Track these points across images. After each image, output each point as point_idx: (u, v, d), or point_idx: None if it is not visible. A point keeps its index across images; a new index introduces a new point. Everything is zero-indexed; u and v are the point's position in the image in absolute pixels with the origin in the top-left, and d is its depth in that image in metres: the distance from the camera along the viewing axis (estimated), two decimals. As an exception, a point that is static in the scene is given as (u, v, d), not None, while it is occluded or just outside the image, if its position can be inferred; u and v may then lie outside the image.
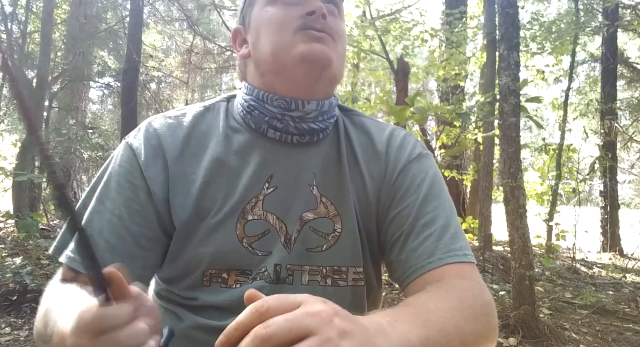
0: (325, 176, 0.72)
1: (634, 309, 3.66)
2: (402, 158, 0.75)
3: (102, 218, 0.67)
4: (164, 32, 10.49)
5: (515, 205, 2.81)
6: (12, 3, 5.83)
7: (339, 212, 0.71)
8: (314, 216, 0.71)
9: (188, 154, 0.71)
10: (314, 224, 0.70)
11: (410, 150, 0.76)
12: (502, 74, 2.93)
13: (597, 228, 7.25)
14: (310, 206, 0.71)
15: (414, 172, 0.73)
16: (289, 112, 0.71)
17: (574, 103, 9.77)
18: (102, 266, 0.41)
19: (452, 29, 6.42)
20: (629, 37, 10.07)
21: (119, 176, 0.69)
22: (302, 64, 0.68)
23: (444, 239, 0.67)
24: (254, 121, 0.72)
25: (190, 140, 0.72)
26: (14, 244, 4.31)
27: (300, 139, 0.72)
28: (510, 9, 3.01)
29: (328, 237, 0.70)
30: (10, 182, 5.33)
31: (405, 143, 0.77)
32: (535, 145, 8.04)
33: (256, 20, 0.73)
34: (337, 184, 0.72)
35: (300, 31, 0.68)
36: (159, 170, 0.69)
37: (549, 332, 2.78)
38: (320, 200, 0.71)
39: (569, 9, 7.93)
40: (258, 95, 0.72)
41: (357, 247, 0.71)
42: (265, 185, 0.70)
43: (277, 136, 0.72)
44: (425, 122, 5.22)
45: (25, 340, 2.65)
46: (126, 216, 0.66)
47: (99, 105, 11.77)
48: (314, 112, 0.72)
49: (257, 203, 0.69)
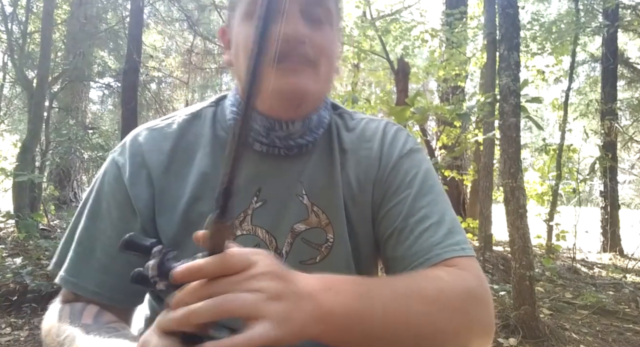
0: (315, 184, 0.71)
1: (634, 309, 3.66)
2: (394, 154, 0.73)
3: (94, 237, 0.67)
4: (164, 32, 10.49)
5: (515, 205, 2.80)
6: (12, 3, 5.83)
7: (330, 220, 0.70)
8: (305, 226, 0.69)
9: (174, 169, 0.70)
10: (306, 235, 0.69)
11: (401, 146, 0.75)
12: (502, 74, 2.92)
13: (597, 228, 7.25)
14: (300, 216, 0.69)
15: (405, 168, 0.72)
16: (273, 131, 0.69)
17: (574, 103, 9.77)
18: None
19: (452, 29, 6.42)
20: (629, 37, 10.07)
21: (106, 194, 0.69)
22: (277, 98, 0.66)
23: (439, 234, 0.65)
24: None
25: (175, 155, 0.70)
26: (14, 244, 4.31)
27: (287, 152, 0.71)
28: (510, 9, 3.01)
29: (321, 248, 0.69)
30: (10, 182, 5.33)
31: (396, 139, 0.76)
32: (535, 145, 8.04)
33: (235, 35, 0.70)
34: (327, 191, 0.71)
35: (275, 64, 0.64)
36: (143, 188, 0.68)
37: (549, 332, 2.78)
38: (312, 209, 0.70)
39: (569, 9, 7.92)
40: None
41: (348, 256, 0.70)
42: (254, 199, 0.69)
43: (264, 149, 0.70)
44: (425, 122, 5.22)
45: (25, 340, 2.64)
46: (115, 236, 0.66)
47: (99, 105, 11.76)
48: (299, 131, 0.70)
49: (246, 218, 0.68)
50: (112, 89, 9.49)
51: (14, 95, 7.82)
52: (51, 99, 6.46)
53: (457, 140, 6.04)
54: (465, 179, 6.62)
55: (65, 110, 7.47)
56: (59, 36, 7.49)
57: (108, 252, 0.66)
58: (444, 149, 6.55)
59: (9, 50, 5.46)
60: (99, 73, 8.41)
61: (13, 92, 7.77)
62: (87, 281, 0.66)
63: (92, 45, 7.49)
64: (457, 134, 6.10)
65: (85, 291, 0.66)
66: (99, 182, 0.71)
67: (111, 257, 0.66)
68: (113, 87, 9.29)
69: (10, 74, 6.68)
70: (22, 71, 5.41)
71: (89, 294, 0.66)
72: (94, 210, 0.69)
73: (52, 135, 6.33)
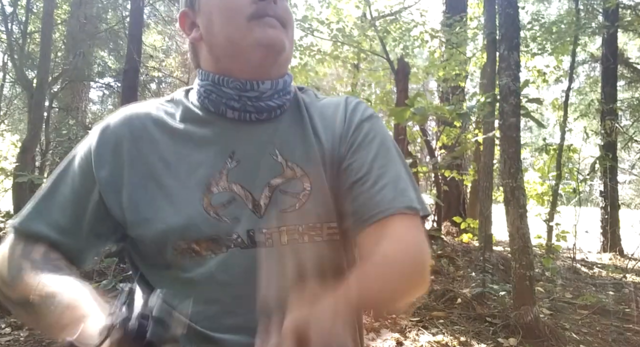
0: (288, 143, 0.75)
1: (634, 309, 3.66)
2: (355, 118, 0.79)
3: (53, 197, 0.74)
4: (164, 32, 10.49)
5: (515, 205, 2.81)
6: (12, 3, 5.83)
7: (305, 171, 0.73)
8: (281, 179, 0.73)
9: (146, 139, 0.73)
10: (283, 186, 0.73)
11: (362, 111, 0.80)
12: (502, 74, 2.93)
13: (597, 228, 7.25)
14: (276, 172, 0.73)
15: (365, 129, 0.77)
16: (244, 92, 0.74)
17: (574, 103, 9.77)
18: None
19: (452, 30, 6.42)
20: (629, 37, 10.07)
21: (75, 164, 0.75)
22: (258, 49, 0.71)
23: (396, 190, 0.70)
24: (212, 104, 0.75)
25: (147, 128, 0.74)
26: (14, 244, 4.30)
27: (258, 116, 0.75)
28: (510, 9, 3.01)
29: (299, 195, 0.72)
30: (10, 182, 5.33)
31: (357, 107, 0.81)
32: (535, 145, 8.04)
33: (207, 4, 0.74)
34: (301, 147, 0.75)
35: (255, 18, 0.71)
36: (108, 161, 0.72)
37: (549, 332, 2.78)
38: (287, 164, 0.74)
39: (569, 9, 7.93)
40: (214, 79, 0.75)
41: (328, 203, 0.73)
42: (228, 159, 0.73)
43: (236, 115, 0.74)
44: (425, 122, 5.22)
45: (25, 340, 2.65)
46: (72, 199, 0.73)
47: (99, 105, 11.76)
48: (269, 91, 0.75)
49: (222, 177, 0.72)
50: (112, 89, 9.50)
51: (14, 95, 7.83)
52: (51, 99, 6.46)
53: (457, 140, 6.04)
54: (465, 179, 6.62)
55: (65, 110, 7.47)
56: (59, 36, 7.49)
57: (64, 211, 0.71)
58: (444, 149, 6.55)
59: (9, 50, 5.46)
60: (99, 73, 8.42)
61: (13, 92, 7.78)
62: (39, 227, 0.70)
63: (92, 45, 7.49)
64: (457, 134, 6.10)
65: (37, 234, 0.70)
66: (72, 154, 0.76)
67: (65, 215, 0.71)
68: (113, 87, 9.30)
69: (10, 74, 6.69)
70: (22, 71, 5.41)
71: (41, 237, 0.70)
72: (60, 176, 0.74)
73: (52, 135, 6.34)
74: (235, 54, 0.73)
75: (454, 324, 3.01)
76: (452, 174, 6.07)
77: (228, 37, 0.72)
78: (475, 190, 6.54)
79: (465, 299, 3.40)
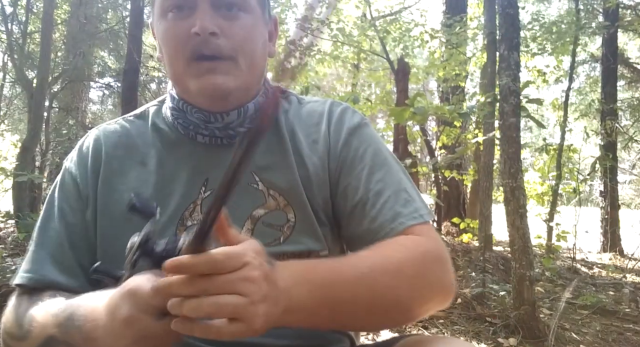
0: (267, 170, 0.70)
1: (634, 309, 3.66)
2: (343, 130, 0.74)
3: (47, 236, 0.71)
4: (164, 32, 10.47)
5: (515, 205, 2.80)
6: (12, 3, 5.83)
7: (289, 201, 0.69)
8: (264, 210, 0.69)
9: (116, 172, 0.70)
10: (266, 218, 0.69)
11: (348, 121, 0.75)
12: (502, 74, 2.92)
13: (597, 228, 7.25)
14: (257, 202, 0.69)
15: (355, 144, 0.73)
16: (209, 123, 0.69)
17: (574, 103, 9.76)
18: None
19: (452, 30, 6.42)
20: (629, 37, 10.06)
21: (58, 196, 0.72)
22: (202, 96, 0.67)
23: (398, 204, 0.67)
24: (181, 127, 0.71)
25: (118, 158, 0.71)
26: (14, 244, 4.31)
27: (229, 141, 0.71)
28: (510, 9, 3.00)
29: (283, 228, 0.69)
30: (10, 182, 5.33)
31: (343, 115, 0.76)
32: (535, 145, 8.03)
33: (157, 31, 0.71)
34: (282, 174, 0.70)
35: (192, 62, 0.65)
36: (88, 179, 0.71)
37: (549, 332, 2.78)
38: (268, 193, 0.70)
39: (569, 9, 7.93)
40: (178, 104, 0.70)
41: (315, 233, 0.70)
42: (202, 189, 0.69)
43: (207, 140, 0.71)
44: (425, 122, 5.21)
45: None
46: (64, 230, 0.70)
47: (99, 105, 11.74)
48: (236, 120, 0.70)
49: (195, 208, 0.68)
50: (112, 89, 9.49)
51: (14, 95, 7.82)
52: (51, 99, 6.46)
53: (458, 140, 6.03)
54: (465, 179, 6.61)
55: (65, 110, 7.46)
56: (59, 36, 7.49)
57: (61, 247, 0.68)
58: (444, 149, 6.54)
59: (9, 50, 5.46)
60: (99, 73, 8.41)
61: (13, 92, 7.77)
62: (43, 273, 0.68)
63: (92, 46, 7.49)
64: (457, 134, 6.09)
65: (42, 281, 0.67)
66: (50, 192, 0.73)
67: (63, 249, 0.68)
68: (113, 87, 9.28)
69: (10, 74, 6.68)
70: (22, 71, 5.41)
71: (45, 284, 0.67)
72: (47, 214, 0.71)
73: (52, 135, 6.33)
74: (187, 92, 0.68)
75: (453, 324, 3.01)
76: (452, 174, 6.07)
77: (175, 76, 0.68)
78: (475, 190, 6.54)
79: (465, 299, 3.40)
